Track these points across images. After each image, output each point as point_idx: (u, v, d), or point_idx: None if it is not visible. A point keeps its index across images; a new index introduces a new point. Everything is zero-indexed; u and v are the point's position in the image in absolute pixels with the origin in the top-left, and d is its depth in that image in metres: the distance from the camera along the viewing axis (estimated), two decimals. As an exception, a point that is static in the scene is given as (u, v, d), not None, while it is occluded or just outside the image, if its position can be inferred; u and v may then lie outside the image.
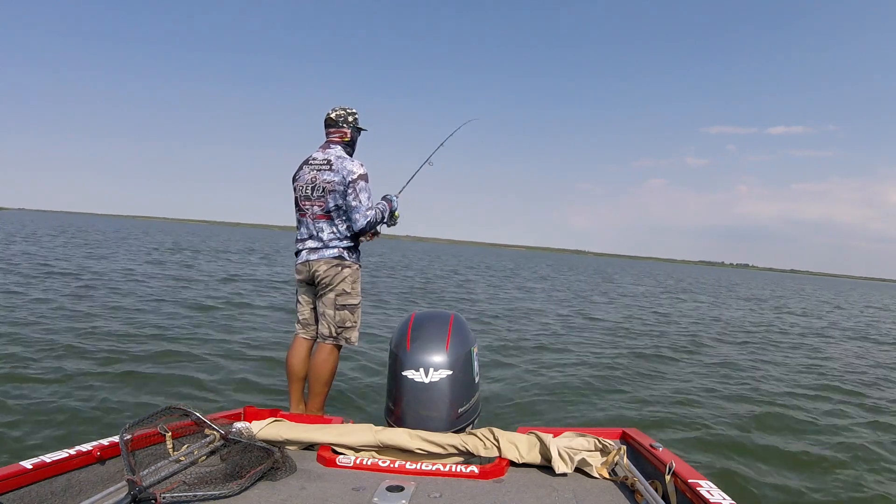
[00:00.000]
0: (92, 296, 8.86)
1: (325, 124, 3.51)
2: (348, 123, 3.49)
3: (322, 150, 3.46)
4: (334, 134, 3.48)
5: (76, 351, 5.28)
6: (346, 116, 3.48)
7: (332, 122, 3.49)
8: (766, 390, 5.93)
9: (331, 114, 3.49)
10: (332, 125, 3.49)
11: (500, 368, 6.12)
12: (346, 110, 3.49)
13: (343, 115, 3.48)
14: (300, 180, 3.44)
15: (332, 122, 3.48)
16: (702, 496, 1.75)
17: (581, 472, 2.18)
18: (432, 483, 2.00)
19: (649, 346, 8.28)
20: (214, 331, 6.90)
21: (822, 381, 6.64)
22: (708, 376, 6.48)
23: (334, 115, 3.48)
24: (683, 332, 10.16)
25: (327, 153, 3.42)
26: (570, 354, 7.23)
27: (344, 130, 3.48)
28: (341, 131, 3.48)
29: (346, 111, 3.49)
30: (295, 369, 3.46)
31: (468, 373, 2.61)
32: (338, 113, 3.48)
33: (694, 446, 4.05)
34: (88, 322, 6.68)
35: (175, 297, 9.54)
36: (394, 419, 2.58)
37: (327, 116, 3.50)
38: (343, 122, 3.48)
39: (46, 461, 1.76)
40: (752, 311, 16.72)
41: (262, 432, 2.30)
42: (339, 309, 3.36)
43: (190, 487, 1.79)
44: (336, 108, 3.49)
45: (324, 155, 3.42)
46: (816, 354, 8.90)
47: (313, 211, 3.37)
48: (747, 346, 9.10)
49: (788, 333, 11.55)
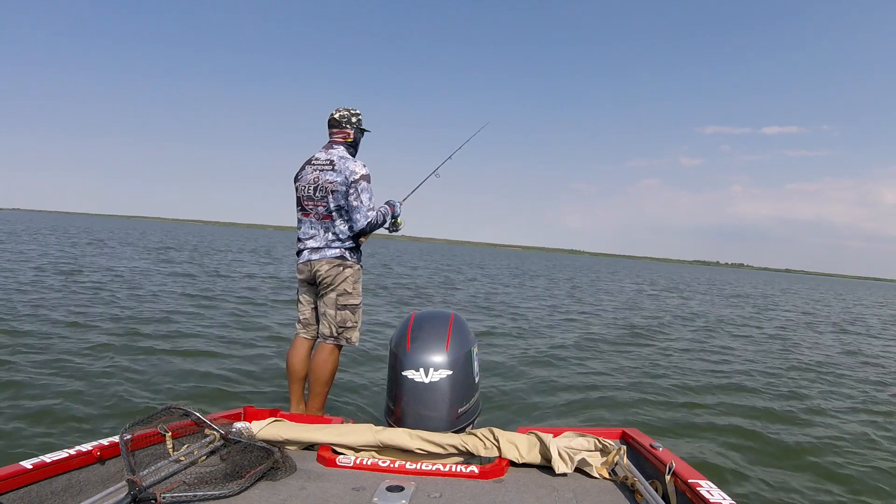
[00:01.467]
0: (104, 297, 8.84)
1: (329, 125, 3.50)
2: (352, 124, 3.48)
3: (325, 151, 3.45)
4: (337, 134, 3.47)
5: (75, 349, 5.27)
6: (350, 117, 3.48)
7: (336, 123, 3.48)
8: (767, 390, 5.94)
9: (334, 114, 3.48)
10: (335, 126, 3.48)
11: (501, 368, 6.12)
12: (350, 111, 3.49)
13: (346, 116, 3.47)
14: (302, 180, 3.43)
15: (336, 122, 3.47)
16: (702, 496, 1.76)
17: (581, 472, 2.19)
18: (432, 483, 2.00)
19: (650, 346, 8.30)
20: (214, 330, 6.89)
21: (824, 382, 6.67)
22: (708, 375, 6.50)
23: (338, 116, 3.47)
24: (683, 332, 10.19)
25: (330, 153, 3.41)
26: (571, 354, 7.24)
27: (347, 131, 3.47)
28: (344, 132, 3.47)
29: (350, 112, 3.48)
30: (295, 369, 3.45)
31: (468, 373, 2.61)
32: (341, 113, 3.47)
33: (694, 446, 4.05)
34: (88, 318, 6.67)
35: (177, 296, 9.52)
36: (394, 419, 2.58)
37: (331, 117, 3.49)
38: (346, 122, 3.47)
39: (46, 461, 1.76)
40: (752, 312, 16.77)
41: (262, 432, 2.30)
42: (340, 309, 3.36)
43: (190, 487, 1.79)
44: (340, 109, 3.48)
45: (326, 155, 3.41)
46: (818, 355, 8.94)
47: (317, 211, 3.37)
48: (747, 347, 9.12)
49: (790, 331, 11.60)
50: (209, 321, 7.51)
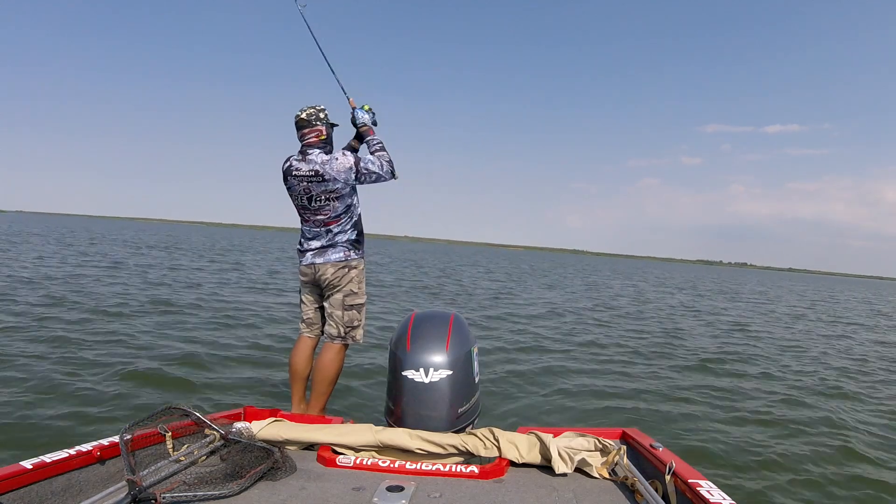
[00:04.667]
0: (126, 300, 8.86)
1: (298, 126, 3.39)
2: (321, 120, 3.39)
3: (303, 160, 3.32)
4: (309, 134, 3.38)
5: (74, 347, 5.28)
6: (317, 113, 3.39)
7: (306, 123, 3.37)
8: (767, 390, 5.94)
9: (301, 114, 3.37)
10: (305, 126, 3.38)
11: (501, 368, 6.11)
12: (316, 108, 3.40)
13: (314, 113, 3.38)
14: (293, 190, 3.38)
15: (305, 122, 3.37)
16: (702, 496, 1.75)
17: (581, 472, 2.18)
18: (432, 483, 2.00)
19: (650, 346, 8.29)
20: (216, 329, 6.90)
21: (823, 381, 6.65)
22: (708, 376, 6.49)
23: (305, 115, 3.37)
24: (684, 331, 10.17)
25: (310, 162, 3.29)
26: (571, 354, 7.23)
27: (319, 128, 3.38)
28: (316, 129, 3.38)
29: (316, 109, 3.40)
30: (298, 368, 3.46)
31: (468, 373, 2.61)
32: (308, 112, 3.37)
33: (694, 446, 4.05)
34: (93, 318, 6.69)
35: (182, 294, 9.54)
36: (394, 419, 2.58)
37: (298, 118, 3.38)
38: (316, 119, 3.38)
39: (46, 461, 1.76)
40: (756, 310, 16.74)
41: (262, 432, 2.30)
42: (347, 309, 3.37)
43: (190, 487, 1.79)
44: (305, 108, 3.39)
45: (307, 166, 3.29)
46: (821, 354, 8.91)
47: (315, 219, 3.35)
48: (748, 346, 9.10)
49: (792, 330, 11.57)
50: (210, 320, 7.52)
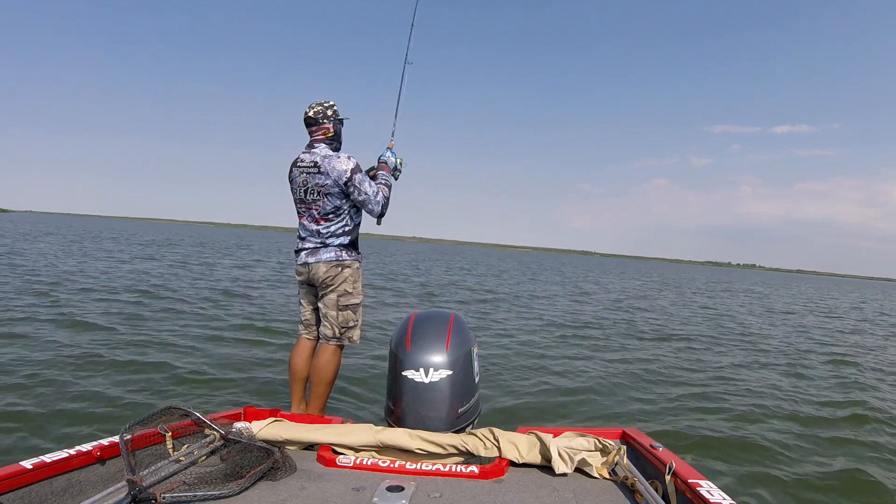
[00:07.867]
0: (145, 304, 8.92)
1: (306, 124, 3.40)
2: (328, 118, 3.38)
3: (308, 152, 3.36)
4: (317, 132, 3.38)
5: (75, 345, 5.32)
6: (325, 111, 3.37)
7: (313, 121, 3.37)
8: (768, 390, 5.89)
9: (308, 112, 3.37)
10: (312, 123, 3.38)
11: (501, 368, 6.10)
12: (324, 104, 3.38)
13: (321, 111, 3.37)
14: (294, 183, 3.40)
15: (312, 120, 3.37)
16: (702, 496, 1.74)
17: (581, 472, 2.18)
18: (432, 483, 2.00)
19: (650, 346, 8.25)
20: (216, 329, 6.93)
21: (828, 384, 6.60)
22: (708, 375, 6.45)
23: (312, 113, 3.36)
24: (684, 331, 10.13)
25: (313, 154, 3.33)
26: (571, 354, 7.21)
27: (326, 126, 3.37)
28: (323, 127, 3.37)
29: (324, 105, 3.38)
30: (297, 369, 3.46)
31: (468, 373, 2.60)
32: (315, 110, 3.36)
33: (694, 446, 4.02)
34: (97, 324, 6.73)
35: (182, 294, 9.59)
36: (394, 419, 2.58)
37: (306, 115, 3.38)
38: (323, 117, 3.37)
39: (46, 461, 1.76)
40: (760, 312, 16.64)
41: (262, 432, 2.30)
42: (341, 309, 3.36)
43: (190, 487, 1.80)
44: (313, 105, 3.38)
45: (310, 157, 3.33)
46: (821, 353, 8.85)
47: (310, 213, 3.35)
48: (747, 346, 9.05)
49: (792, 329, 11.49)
50: (212, 320, 7.55)
